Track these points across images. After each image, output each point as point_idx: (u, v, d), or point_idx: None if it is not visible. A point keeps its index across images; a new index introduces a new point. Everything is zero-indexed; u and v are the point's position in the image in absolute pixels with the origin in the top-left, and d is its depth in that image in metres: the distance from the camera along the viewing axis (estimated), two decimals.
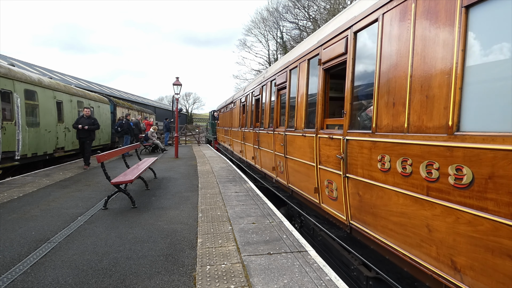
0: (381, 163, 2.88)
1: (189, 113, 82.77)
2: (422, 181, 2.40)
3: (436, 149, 2.25)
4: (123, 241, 3.76)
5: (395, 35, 2.76)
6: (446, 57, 2.20)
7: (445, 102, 2.20)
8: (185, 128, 28.45)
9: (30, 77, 9.58)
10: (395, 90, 2.73)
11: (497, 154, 1.82)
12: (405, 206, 2.59)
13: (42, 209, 5.08)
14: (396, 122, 2.70)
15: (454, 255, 2.16)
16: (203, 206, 5.41)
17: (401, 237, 2.68)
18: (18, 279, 2.84)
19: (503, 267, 1.83)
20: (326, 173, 4.00)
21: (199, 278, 2.87)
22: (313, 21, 28.40)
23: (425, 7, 2.42)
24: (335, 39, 3.82)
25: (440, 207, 2.23)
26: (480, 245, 1.96)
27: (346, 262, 3.74)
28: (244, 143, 10.11)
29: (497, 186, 1.83)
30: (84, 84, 29.00)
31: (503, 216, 1.80)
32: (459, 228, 2.10)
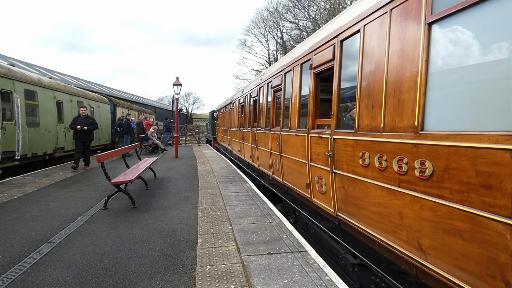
0: (362, 159, 3.17)
1: (189, 113, 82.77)
2: (394, 174, 2.70)
3: (405, 146, 2.56)
4: (123, 241, 3.76)
5: (374, 45, 3.07)
6: (413, 66, 2.52)
7: (412, 105, 2.51)
8: (185, 128, 28.45)
9: (30, 77, 9.58)
10: (373, 94, 3.04)
11: (450, 149, 2.14)
12: (382, 197, 2.90)
13: (42, 209, 5.08)
14: (374, 122, 3.01)
15: (420, 237, 2.46)
16: (203, 206, 5.41)
17: (379, 225, 2.98)
18: (18, 279, 2.84)
19: (456, 245, 2.14)
20: (317, 170, 4.29)
21: (199, 278, 2.87)
22: (313, 21, 28.40)
23: (397, 22, 2.74)
24: (324, 46, 4.14)
25: (409, 197, 2.54)
26: (439, 228, 2.27)
27: (335, 252, 4.03)
28: (243, 143, 10.38)
29: (450, 176, 2.15)
30: (84, 84, 29.00)
31: (455, 202, 2.12)
32: (423, 214, 2.41)
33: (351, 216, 3.49)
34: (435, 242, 2.32)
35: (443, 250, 2.25)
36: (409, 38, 2.58)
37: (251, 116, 9.07)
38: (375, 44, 3.04)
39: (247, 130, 9.39)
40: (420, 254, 2.47)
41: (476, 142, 1.95)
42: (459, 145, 2.06)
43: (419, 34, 2.45)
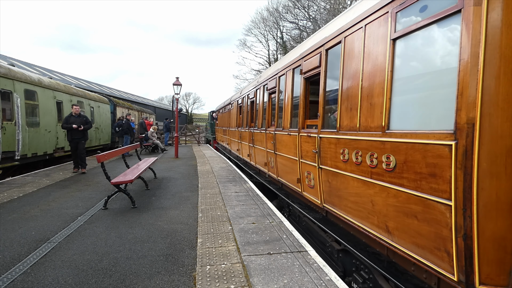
0: (342, 155, 3.56)
1: (189, 113, 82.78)
2: (367, 168, 3.09)
3: (375, 143, 2.95)
4: (123, 241, 3.76)
5: (352, 55, 3.47)
6: (381, 74, 2.92)
7: (381, 108, 2.91)
8: (185, 128, 28.45)
9: (30, 77, 9.58)
10: (351, 98, 3.42)
11: (408, 145, 2.54)
12: (358, 187, 3.27)
13: (42, 209, 5.08)
14: (352, 123, 3.39)
15: (387, 221, 2.84)
16: (203, 206, 5.41)
17: (356, 212, 3.36)
18: (18, 279, 2.84)
19: (413, 225, 2.52)
20: (306, 166, 4.66)
21: (199, 278, 2.87)
22: (313, 21, 28.40)
23: (370, 36, 3.14)
24: (312, 53, 4.53)
25: (378, 186, 2.93)
26: (400, 211, 2.66)
27: (323, 241, 4.37)
28: (241, 142, 10.70)
29: (408, 168, 2.54)
30: (84, 84, 29.01)
31: (411, 189, 2.52)
32: (388, 200, 2.80)
33: (335, 206, 3.88)
34: (398, 224, 2.71)
35: (404, 230, 2.64)
36: (379, 51, 2.99)
37: (248, 116, 9.40)
38: (353, 54, 3.44)
39: (245, 130, 9.70)
40: (387, 236, 2.86)
41: (426, 139, 2.36)
42: (414, 141, 2.48)
43: (386, 48, 2.88)
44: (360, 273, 3.36)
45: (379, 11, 2.99)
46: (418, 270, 2.70)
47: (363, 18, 3.25)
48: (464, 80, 2.08)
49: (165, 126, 20.63)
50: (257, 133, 7.86)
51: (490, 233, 2.02)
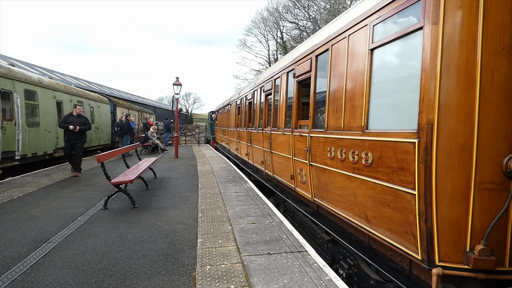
0: (329, 153, 3.85)
1: (189, 113, 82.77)
2: (350, 163, 3.39)
3: (356, 141, 3.26)
4: (123, 241, 3.76)
5: (337, 61, 3.78)
6: (362, 79, 3.22)
7: (361, 110, 3.21)
8: (185, 128, 28.45)
9: (30, 77, 9.58)
10: (337, 100, 3.72)
11: (382, 143, 2.85)
12: (342, 181, 3.57)
13: (42, 209, 5.08)
14: (337, 123, 3.70)
15: (366, 211, 3.15)
16: (203, 206, 5.41)
17: (341, 204, 3.66)
18: (18, 279, 2.84)
19: (386, 213, 2.84)
20: (298, 163, 4.96)
21: (199, 278, 2.87)
22: (313, 21, 28.40)
23: (353, 45, 3.45)
24: (304, 59, 4.84)
25: (359, 180, 3.22)
26: (377, 202, 2.96)
27: (314, 233, 4.66)
28: (239, 142, 11.04)
29: (382, 163, 2.84)
30: (84, 84, 29.00)
31: (385, 181, 2.82)
32: (367, 192, 3.10)
33: (323, 200, 4.18)
34: (375, 213, 3.02)
35: (380, 218, 2.95)
36: (360, 59, 3.31)
37: (246, 116, 9.73)
38: (339, 60, 3.75)
39: (243, 130, 10.01)
40: (367, 224, 3.17)
41: (396, 138, 2.68)
42: (387, 140, 2.79)
43: (365, 56, 3.19)
44: (346, 260, 3.67)
45: (360, 23, 3.31)
46: (394, 254, 3.05)
47: (347, 29, 3.58)
48: (425, 87, 2.39)
49: (165, 126, 20.63)
50: (255, 133, 8.19)
51: (447, 218, 2.34)
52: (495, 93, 2.21)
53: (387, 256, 3.14)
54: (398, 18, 2.78)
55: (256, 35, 38.44)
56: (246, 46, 39.47)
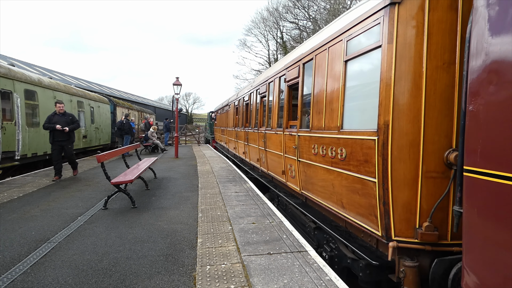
0: (313, 149, 4.30)
1: (189, 113, 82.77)
2: (329, 158, 3.85)
3: (334, 139, 3.74)
4: (123, 241, 3.76)
5: (319, 70, 4.29)
6: (338, 85, 3.71)
7: (337, 112, 3.69)
8: (185, 128, 28.45)
9: (30, 77, 9.58)
10: (319, 103, 4.21)
11: (352, 140, 3.33)
12: (323, 174, 4.04)
13: (42, 209, 5.08)
14: (319, 123, 4.17)
15: (342, 198, 3.62)
16: (203, 206, 5.41)
17: (323, 194, 4.13)
18: (18, 279, 2.84)
19: (356, 199, 3.31)
20: (289, 159, 5.41)
21: (199, 278, 2.87)
22: (313, 21, 28.40)
23: (331, 56, 3.95)
24: (293, 66, 5.35)
25: (336, 172, 3.68)
26: (350, 190, 3.42)
27: (303, 223, 5.05)
28: (237, 141, 11.54)
29: (353, 157, 3.32)
30: (84, 84, 29.00)
31: (355, 172, 3.29)
32: (342, 182, 3.57)
33: (309, 191, 4.63)
34: (348, 200, 3.48)
35: (352, 204, 3.42)
36: (336, 68, 3.79)
37: (244, 117, 10.25)
38: (321, 69, 4.24)
39: (241, 130, 10.51)
40: (343, 210, 3.63)
41: (362, 136, 3.15)
42: (356, 137, 3.26)
43: (341, 66, 3.68)
44: (329, 244, 4.09)
45: (337, 38, 3.79)
46: (365, 235, 3.48)
47: (327, 41, 4.06)
48: (382, 94, 2.87)
49: (165, 126, 20.63)
50: (251, 133, 8.70)
51: (400, 201, 2.81)
52: (437, 100, 2.72)
53: (360, 237, 3.60)
54: (364, 36, 3.28)
55: (256, 35, 38.46)
56: (246, 46, 39.48)
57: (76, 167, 8.31)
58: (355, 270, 3.41)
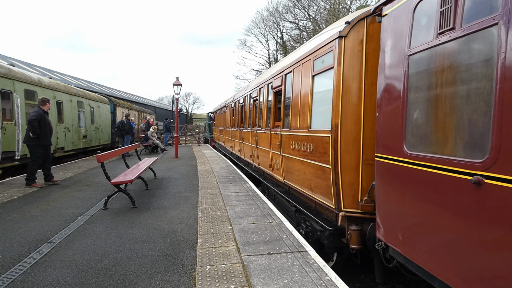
0: (292, 145, 5.18)
1: (189, 113, 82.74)
2: (302, 152, 4.74)
3: (305, 136, 4.63)
4: (123, 241, 3.76)
5: (296, 81, 5.20)
6: (308, 95, 4.62)
7: (307, 115, 4.60)
8: (185, 128, 28.45)
9: (30, 77, 9.58)
10: (296, 108, 5.10)
11: (316, 137, 4.22)
12: (299, 165, 4.94)
13: (42, 209, 5.08)
14: (296, 124, 5.07)
15: (311, 183, 4.52)
16: (203, 206, 5.41)
17: (299, 181, 5.03)
18: (18, 279, 2.84)
19: (319, 182, 4.19)
20: (274, 154, 6.35)
21: (199, 278, 2.87)
22: (313, 21, 28.39)
23: (304, 71, 4.88)
24: (277, 76, 6.36)
25: (306, 163, 4.58)
26: (315, 176, 4.31)
27: (287, 208, 5.84)
28: (233, 140, 12.52)
29: (316, 150, 4.19)
30: (84, 84, 28.99)
31: (318, 161, 4.16)
32: (310, 170, 4.47)
33: (290, 180, 5.53)
34: (315, 183, 4.37)
35: (317, 186, 4.31)
36: (307, 80, 4.71)
37: (239, 118, 11.24)
38: (296, 80, 5.18)
39: (237, 129, 11.48)
40: (312, 192, 4.54)
41: (322, 134, 4.05)
42: (318, 135, 4.16)
43: (310, 79, 4.61)
44: (305, 223, 4.88)
45: (308, 57, 4.73)
46: (329, 212, 4.24)
47: (301, 59, 5.00)
48: (334, 102, 3.76)
49: (165, 126, 20.62)
50: (245, 132, 9.67)
51: (347, 181, 3.68)
52: (372, 108, 3.52)
53: (325, 213, 4.42)
54: (324, 58, 4.17)
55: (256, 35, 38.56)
56: (246, 46, 39.54)
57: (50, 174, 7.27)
58: (322, 239, 4.16)
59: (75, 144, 12.65)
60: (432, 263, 2.43)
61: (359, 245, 3.55)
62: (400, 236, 2.77)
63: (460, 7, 2.18)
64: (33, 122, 6.47)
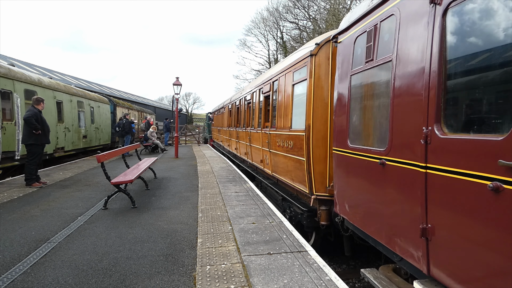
0: (278, 143, 6.07)
1: (189, 113, 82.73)
2: (285, 148, 5.59)
3: (287, 135, 5.49)
4: (123, 241, 3.76)
5: (281, 88, 6.18)
6: (290, 100, 5.52)
7: (289, 117, 5.45)
8: (185, 128, 28.45)
9: (30, 77, 9.58)
10: (281, 110, 6.02)
11: (295, 135, 5.03)
12: (283, 159, 5.82)
13: (42, 209, 5.08)
14: (280, 124, 5.96)
15: (292, 174, 5.34)
16: (203, 206, 5.41)
17: (283, 173, 5.94)
18: (18, 279, 2.84)
19: (298, 172, 4.99)
20: (264, 151, 7.27)
21: (199, 278, 2.87)
22: (313, 21, 28.38)
23: (287, 79, 5.77)
24: (267, 82, 7.37)
25: (288, 157, 5.41)
26: (295, 167, 5.13)
27: (275, 197, 6.68)
28: (230, 139, 13.53)
29: (295, 146, 5.00)
30: (84, 84, 28.98)
31: (296, 155, 4.98)
32: (291, 163, 5.29)
33: (276, 172, 6.44)
34: (295, 174, 5.20)
35: (296, 176, 5.13)
36: (288, 88, 5.65)
37: (235, 118, 12.27)
38: (281, 87, 6.17)
39: (233, 129, 12.47)
40: (293, 181, 5.37)
41: (299, 132, 4.87)
42: (296, 134, 5.00)
43: (290, 87, 5.54)
44: (290, 208, 5.65)
45: (289, 69, 5.67)
46: (306, 198, 4.99)
47: (284, 69, 5.98)
48: (307, 107, 4.63)
49: (165, 126, 20.62)
50: (240, 131, 10.70)
51: (317, 171, 4.51)
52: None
53: (303, 199, 5.26)
54: (300, 71, 5.14)
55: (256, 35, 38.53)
56: (246, 46, 39.51)
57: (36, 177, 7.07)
58: (302, 221, 4.98)
59: (75, 144, 12.65)
60: (366, 224, 3.31)
61: (327, 222, 4.43)
62: (347, 207, 3.67)
63: (376, 46, 3.10)
64: (30, 119, 6.47)
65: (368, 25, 3.25)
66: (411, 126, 2.51)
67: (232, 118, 13.01)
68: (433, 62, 2.29)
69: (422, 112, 2.38)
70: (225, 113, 15.56)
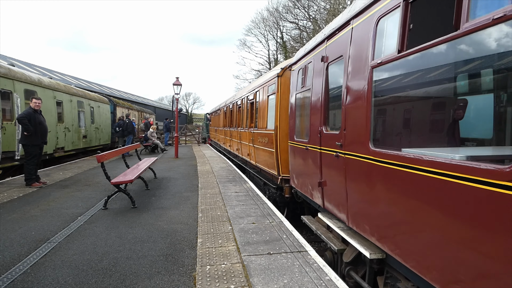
0: (259, 139, 7.81)
1: (189, 113, 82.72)
2: (263, 143, 7.39)
3: (264, 133, 7.34)
4: (123, 241, 3.76)
5: (260, 97, 8.11)
6: (266, 107, 7.47)
7: (265, 119, 7.32)
8: (185, 128, 28.46)
9: (30, 77, 9.58)
10: (260, 114, 7.88)
11: (269, 133, 6.98)
12: (262, 151, 7.59)
13: (42, 209, 5.08)
14: (260, 125, 7.82)
15: (267, 162, 7.23)
16: (203, 206, 5.41)
17: (262, 161, 7.70)
18: (18, 279, 2.84)
19: (270, 161, 6.91)
20: (250, 147, 8.96)
21: (199, 278, 2.87)
22: (313, 21, 28.37)
23: (264, 91, 7.72)
24: (251, 92, 9.29)
25: (265, 150, 7.25)
26: (269, 157, 7.04)
27: (259, 183, 8.18)
28: (225, 137, 15.46)
29: (269, 141, 6.97)
30: (84, 84, 28.97)
31: (269, 147, 6.95)
32: (267, 154, 7.20)
33: (258, 162, 8.04)
34: (269, 162, 6.91)
35: (270, 164, 6.85)
36: (265, 98, 7.52)
37: (229, 119, 13.95)
38: (261, 97, 7.96)
39: (227, 129, 14.30)
40: (269, 168, 7.02)
41: (270, 131, 6.75)
42: (269, 132, 6.86)
43: (267, 98, 7.37)
44: (268, 190, 7.16)
45: (265, 84, 7.49)
46: (276, 179, 6.47)
47: (261, 84, 7.95)
48: (276, 113, 6.43)
49: (165, 126, 20.62)
50: (233, 131, 12.52)
51: (282, 158, 6.23)
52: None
53: (275, 181, 6.61)
54: (272, 87, 6.82)
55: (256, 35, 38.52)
56: (246, 46, 39.50)
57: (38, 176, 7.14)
58: (276, 197, 6.55)
59: (75, 144, 12.64)
60: (302, 188, 5.05)
61: (289, 195, 6.05)
62: (294, 178, 5.48)
63: (305, 78, 4.89)
64: (22, 119, 6.42)
65: (302, 64, 5.11)
66: (316, 127, 4.26)
67: (226, 119, 14.98)
68: (324, 91, 4.07)
69: (319, 119, 4.15)
70: (221, 115, 17.62)
